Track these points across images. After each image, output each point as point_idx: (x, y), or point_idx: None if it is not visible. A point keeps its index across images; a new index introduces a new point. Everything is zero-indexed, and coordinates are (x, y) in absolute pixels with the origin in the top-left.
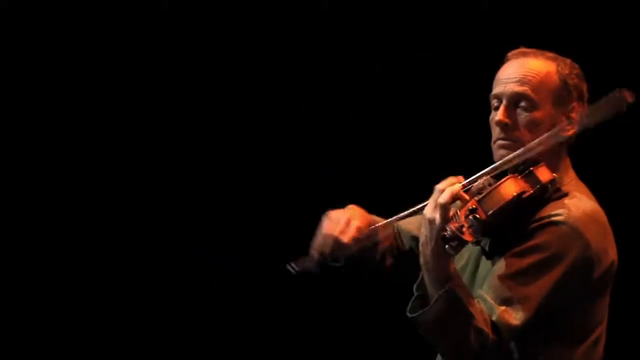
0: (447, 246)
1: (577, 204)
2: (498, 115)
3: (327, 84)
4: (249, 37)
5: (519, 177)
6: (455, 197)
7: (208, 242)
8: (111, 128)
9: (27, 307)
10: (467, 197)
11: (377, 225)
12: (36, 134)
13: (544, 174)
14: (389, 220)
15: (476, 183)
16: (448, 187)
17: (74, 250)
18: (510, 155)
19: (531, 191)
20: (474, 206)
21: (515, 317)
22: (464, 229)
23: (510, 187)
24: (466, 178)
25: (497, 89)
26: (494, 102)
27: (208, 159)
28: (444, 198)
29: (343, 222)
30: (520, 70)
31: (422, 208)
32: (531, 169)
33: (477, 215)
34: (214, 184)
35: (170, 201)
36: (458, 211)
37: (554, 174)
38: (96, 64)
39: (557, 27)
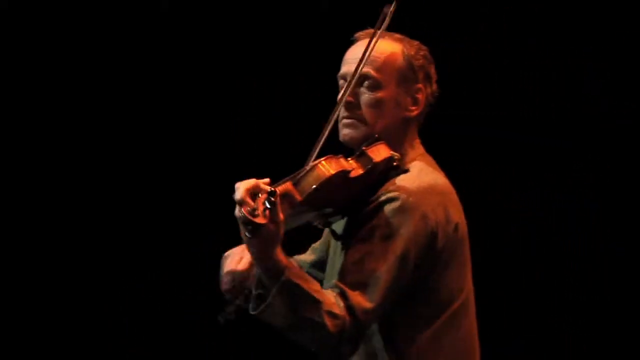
0: (246, 232)
1: (412, 178)
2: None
3: (327, 84)
4: (249, 37)
5: (349, 158)
6: (252, 189)
7: (208, 242)
8: (111, 128)
9: (27, 307)
10: (265, 186)
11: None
12: (36, 133)
13: (379, 153)
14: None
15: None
16: (242, 183)
17: (74, 251)
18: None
19: (361, 171)
20: (271, 190)
21: (368, 299)
22: (257, 212)
23: (325, 167)
24: None
25: (343, 68)
26: (341, 82)
27: (208, 159)
28: (238, 194)
29: (237, 255)
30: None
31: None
32: (364, 149)
33: (273, 199)
34: (214, 184)
35: (170, 201)
36: (260, 195)
37: (392, 153)
38: (96, 64)
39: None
